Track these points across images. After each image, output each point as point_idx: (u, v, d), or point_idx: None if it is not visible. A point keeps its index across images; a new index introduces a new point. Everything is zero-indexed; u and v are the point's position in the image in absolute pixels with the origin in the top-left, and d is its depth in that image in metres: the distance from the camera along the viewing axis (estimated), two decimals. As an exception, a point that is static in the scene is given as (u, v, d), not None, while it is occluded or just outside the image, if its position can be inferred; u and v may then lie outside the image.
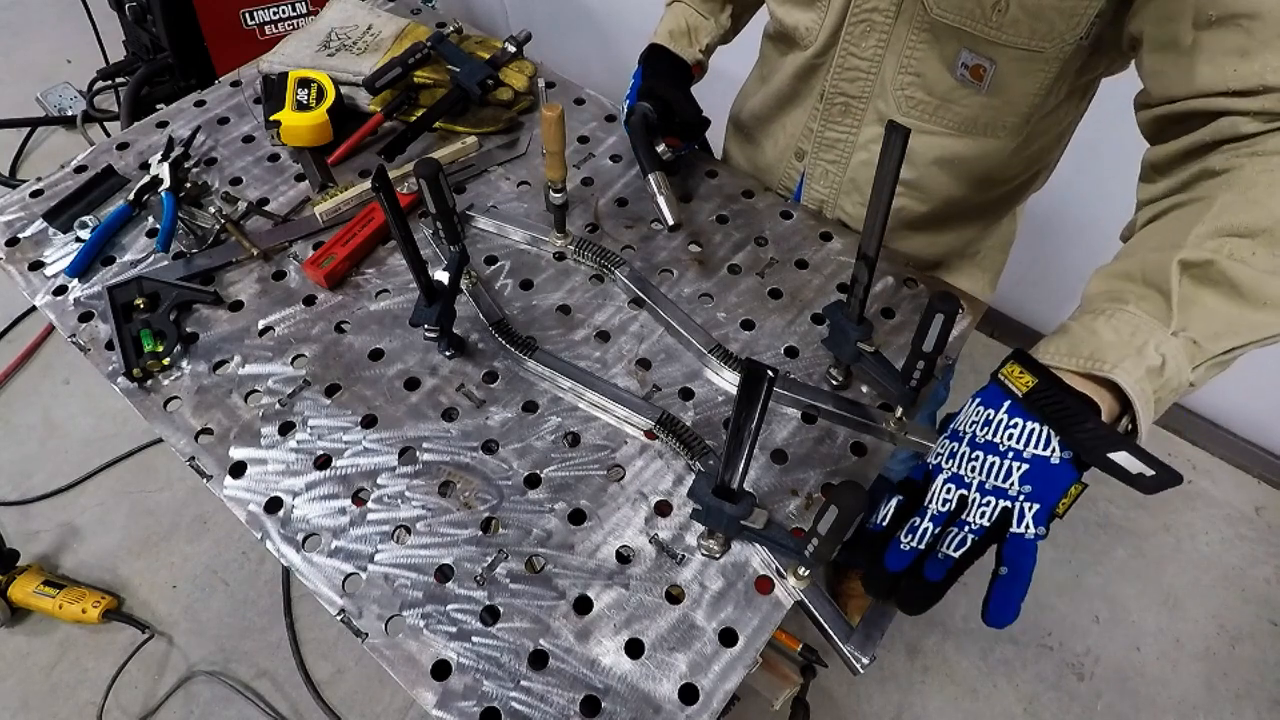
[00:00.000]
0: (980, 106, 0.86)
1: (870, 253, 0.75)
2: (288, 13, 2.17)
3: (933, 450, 0.66)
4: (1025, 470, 0.60)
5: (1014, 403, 0.61)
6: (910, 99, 0.89)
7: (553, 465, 0.84)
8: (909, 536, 0.63)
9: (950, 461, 0.63)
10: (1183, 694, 1.71)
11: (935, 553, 0.62)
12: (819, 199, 1.07)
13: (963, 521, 0.62)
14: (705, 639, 0.73)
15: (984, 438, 0.62)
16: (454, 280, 0.87)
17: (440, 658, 0.72)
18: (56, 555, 1.88)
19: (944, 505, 0.62)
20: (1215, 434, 2.02)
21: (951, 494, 0.62)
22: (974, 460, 0.62)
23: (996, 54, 0.80)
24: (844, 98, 0.95)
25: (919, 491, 0.64)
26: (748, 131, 1.16)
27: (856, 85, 0.92)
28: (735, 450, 0.64)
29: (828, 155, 1.02)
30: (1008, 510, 0.60)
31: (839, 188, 1.04)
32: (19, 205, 1.06)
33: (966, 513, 0.61)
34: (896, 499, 0.64)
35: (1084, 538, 1.92)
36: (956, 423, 0.65)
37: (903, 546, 0.63)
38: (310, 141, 1.09)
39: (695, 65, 1.07)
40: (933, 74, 0.86)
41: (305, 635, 1.76)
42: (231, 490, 0.82)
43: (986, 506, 0.61)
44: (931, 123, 0.90)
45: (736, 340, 0.94)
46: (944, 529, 0.62)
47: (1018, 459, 0.60)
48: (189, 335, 0.93)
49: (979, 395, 0.64)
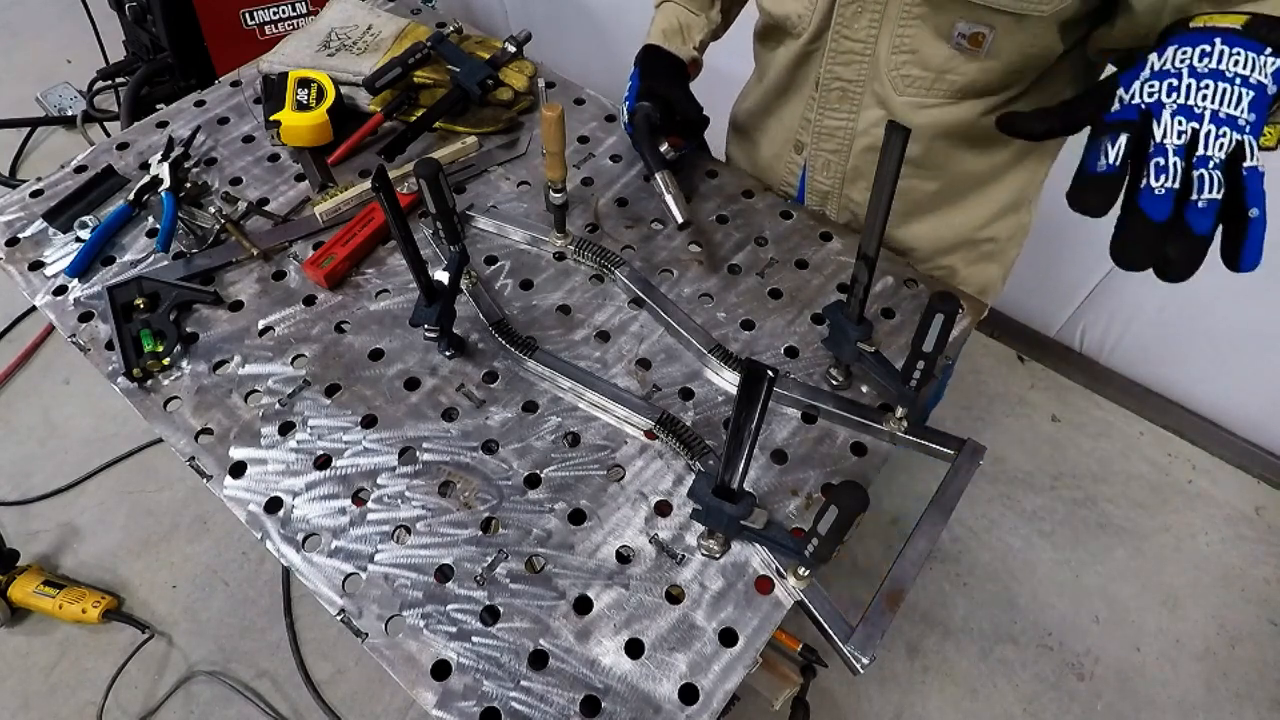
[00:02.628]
0: (979, 71, 0.85)
1: (870, 253, 0.75)
2: (288, 13, 2.17)
3: (1128, 95, 0.60)
4: (1253, 98, 0.57)
5: (1229, 35, 0.58)
6: (906, 77, 0.88)
7: (553, 465, 0.84)
8: (1161, 178, 0.56)
9: (1173, 95, 0.58)
10: (1183, 694, 1.71)
11: (1192, 200, 0.56)
12: (823, 190, 1.06)
13: (1204, 158, 0.56)
14: (705, 639, 0.73)
15: (1207, 67, 0.58)
16: (454, 280, 0.87)
17: (440, 658, 0.72)
18: (56, 555, 1.88)
19: (1179, 138, 0.57)
20: (1215, 434, 2.02)
21: (1184, 126, 0.57)
22: (1204, 89, 0.57)
23: (995, 20, 0.79)
24: (840, 83, 0.93)
25: (1134, 128, 0.58)
26: (745, 130, 1.16)
27: (852, 69, 0.91)
28: (735, 450, 0.64)
29: (828, 144, 1.00)
30: (1240, 144, 0.56)
31: (843, 176, 1.02)
32: (19, 205, 1.06)
33: (1204, 147, 0.56)
34: (1124, 136, 0.58)
35: (1084, 538, 1.92)
36: (1159, 64, 0.60)
37: (1157, 191, 0.56)
38: (310, 141, 1.09)
39: (691, 63, 1.06)
40: (928, 48, 0.85)
41: (305, 635, 1.76)
42: (231, 490, 0.82)
43: (1224, 138, 0.56)
44: (930, 96, 0.89)
45: (736, 340, 0.94)
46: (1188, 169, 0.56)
47: (1245, 85, 0.57)
48: (189, 335, 0.93)
49: (1176, 40, 0.60)
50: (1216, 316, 1.80)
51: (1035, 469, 2.03)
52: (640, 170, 1.11)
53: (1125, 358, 2.06)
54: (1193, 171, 0.56)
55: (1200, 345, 1.88)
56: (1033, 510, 1.96)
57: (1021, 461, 2.04)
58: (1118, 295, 1.91)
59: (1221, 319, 1.80)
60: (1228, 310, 1.77)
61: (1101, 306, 1.96)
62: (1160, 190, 0.56)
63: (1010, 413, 2.13)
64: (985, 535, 1.93)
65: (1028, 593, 1.84)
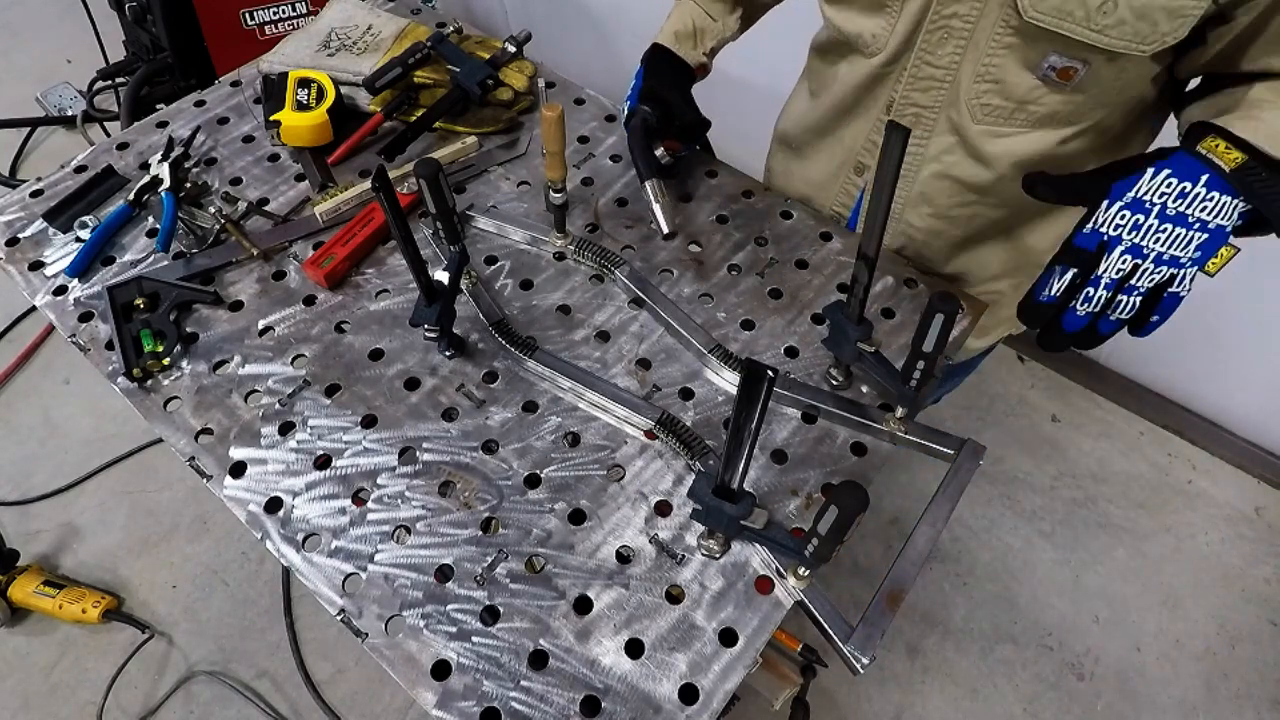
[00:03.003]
0: (1062, 103, 0.82)
1: (870, 253, 0.75)
2: (288, 13, 2.17)
3: (1103, 219, 0.70)
4: (1204, 240, 0.66)
5: (1215, 176, 0.66)
6: (986, 106, 0.85)
7: (553, 465, 0.84)
8: (1085, 305, 0.71)
9: (1133, 233, 0.68)
10: (1183, 694, 1.71)
11: (1106, 315, 0.71)
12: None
13: (1131, 287, 0.69)
14: (705, 639, 0.73)
15: (1175, 210, 0.66)
16: (454, 280, 0.87)
17: (440, 658, 0.72)
18: (56, 555, 1.88)
19: (1117, 274, 0.69)
20: (1215, 434, 2.02)
21: (1127, 264, 0.69)
22: (1160, 232, 0.67)
23: (1091, 56, 0.76)
24: (915, 108, 0.89)
25: (1088, 261, 0.70)
26: (797, 147, 1.11)
27: (929, 95, 0.87)
28: (735, 450, 0.64)
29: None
30: (1172, 277, 0.68)
31: (905, 202, 0.98)
32: (19, 205, 1.06)
33: (1136, 279, 0.69)
34: (1071, 271, 0.71)
35: (1084, 538, 1.92)
36: (1139, 192, 0.69)
37: (1079, 313, 0.71)
38: (310, 141, 1.09)
39: (699, 68, 1.05)
40: (1013, 78, 0.82)
41: (305, 635, 1.76)
42: (231, 490, 0.82)
43: (1159, 274, 0.68)
44: (1007, 125, 0.86)
45: (736, 340, 0.94)
46: (1114, 294, 0.70)
47: (1203, 230, 0.66)
48: (189, 335, 0.93)
49: (1167, 166, 0.68)
50: (1216, 316, 1.80)
51: (1035, 469, 2.03)
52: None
53: (1125, 358, 2.06)
54: (1118, 295, 0.70)
55: (1200, 345, 1.88)
56: (1033, 510, 1.96)
57: (1021, 461, 2.04)
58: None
59: (1221, 319, 1.80)
60: (1228, 310, 1.77)
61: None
62: (1082, 313, 0.72)
63: (1010, 413, 2.13)
64: (985, 535, 1.93)
65: (1028, 593, 1.84)
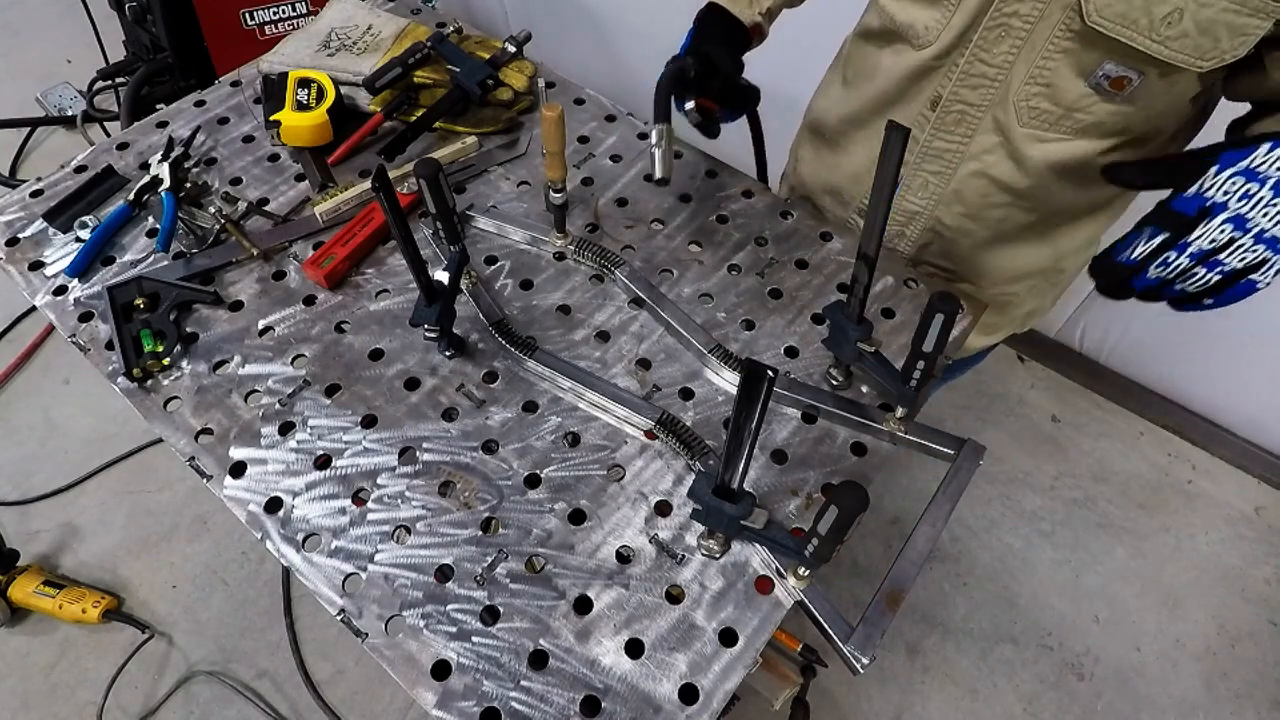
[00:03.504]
0: (1110, 114, 0.81)
1: (870, 253, 0.75)
2: (288, 13, 2.17)
3: (1211, 184, 0.65)
4: None
5: None
6: (1034, 109, 0.83)
7: (553, 465, 0.84)
8: (1159, 270, 0.66)
9: (1242, 202, 0.63)
10: (1183, 694, 1.71)
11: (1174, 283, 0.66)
12: (911, 210, 1.00)
13: (1216, 262, 0.64)
14: (705, 639, 0.73)
15: None
16: (454, 280, 0.87)
17: (440, 658, 0.72)
18: (56, 555, 1.88)
19: (1210, 244, 0.64)
20: (1215, 434, 2.02)
21: (1224, 234, 0.63)
22: (1271, 206, 0.62)
23: (1147, 67, 0.75)
24: (961, 105, 0.87)
25: (1183, 224, 0.65)
26: (830, 137, 1.08)
27: (979, 93, 0.86)
28: (735, 450, 0.64)
29: (931, 165, 0.94)
30: (1264, 261, 0.63)
31: (939, 199, 0.97)
32: (19, 205, 1.06)
33: (1227, 255, 0.63)
34: (1162, 236, 0.66)
35: (1084, 538, 1.92)
36: (1254, 163, 0.64)
37: (1151, 276, 0.67)
38: (310, 141, 1.09)
39: (754, 28, 0.98)
40: (1065, 83, 0.80)
41: (305, 635, 1.76)
42: (231, 490, 0.82)
43: (1252, 255, 0.63)
44: (1052, 130, 0.84)
45: (736, 340, 0.94)
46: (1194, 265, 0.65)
47: None
48: (189, 335, 0.93)
49: None
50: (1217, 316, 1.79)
51: (1035, 469, 2.03)
52: (640, 170, 1.11)
53: (1125, 358, 2.06)
54: (1198, 266, 0.65)
55: (1200, 345, 1.88)
56: (1033, 510, 1.96)
57: (1021, 461, 2.04)
58: (1118, 295, 1.91)
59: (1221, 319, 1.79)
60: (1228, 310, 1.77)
61: (1101, 306, 1.96)
62: (1153, 276, 0.68)
63: (1010, 413, 2.13)
64: (985, 535, 1.93)
65: (1028, 593, 1.84)
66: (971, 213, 0.96)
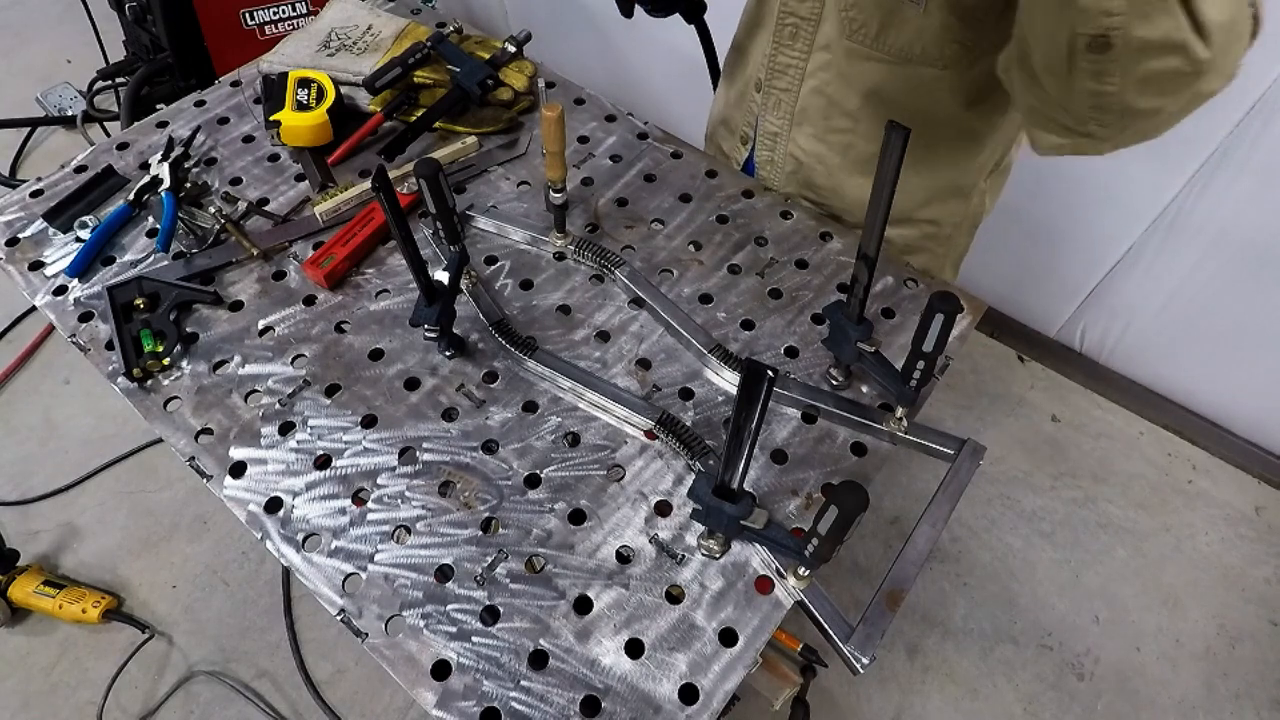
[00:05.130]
0: (917, 31, 0.85)
1: (870, 253, 0.75)
2: (288, 13, 2.17)
3: None
4: None
5: None
6: (853, 20, 0.89)
7: (553, 465, 0.84)
8: None
9: None
10: (1183, 694, 1.71)
11: None
12: (773, 132, 1.06)
13: None
14: (705, 639, 0.73)
15: None
16: (454, 280, 0.87)
17: (440, 658, 0.72)
18: (56, 555, 1.88)
19: None
20: (1215, 434, 2.02)
21: None
22: None
23: None
24: (793, 19, 0.95)
25: None
26: (728, 69, 1.17)
27: (805, 5, 0.92)
28: (735, 450, 0.64)
29: (780, 82, 1.01)
30: None
31: (791, 118, 1.03)
32: (19, 205, 1.06)
33: None
34: None
35: (1084, 538, 1.92)
36: None
37: None
38: (310, 141, 1.09)
39: None
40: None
41: (305, 635, 1.76)
42: (231, 490, 0.82)
43: None
44: (872, 47, 0.90)
45: (736, 340, 0.94)
46: None
47: None
48: (189, 335, 0.93)
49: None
50: (1216, 316, 1.80)
51: (1035, 469, 2.03)
52: (640, 169, 1.11)
53: (1125, 358, 2.06)
54: None
55: (1200, 345, 1.88)
56: (1033, 510, 1.96)
57: (1021, 461, 2.04)
58: (1118, 295, 1.91)
59: (1221, 319, 1.80)
60: (1228, 310, 1.77)
61: (1101, 306, 1.96)
62: None
63: (1010, 413, 2.13)
64: (985, 535, 1.93)
65: (1028, 593, 1.84)
66: (819, 135, 1.02)
